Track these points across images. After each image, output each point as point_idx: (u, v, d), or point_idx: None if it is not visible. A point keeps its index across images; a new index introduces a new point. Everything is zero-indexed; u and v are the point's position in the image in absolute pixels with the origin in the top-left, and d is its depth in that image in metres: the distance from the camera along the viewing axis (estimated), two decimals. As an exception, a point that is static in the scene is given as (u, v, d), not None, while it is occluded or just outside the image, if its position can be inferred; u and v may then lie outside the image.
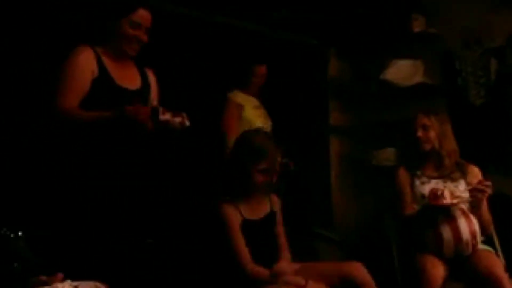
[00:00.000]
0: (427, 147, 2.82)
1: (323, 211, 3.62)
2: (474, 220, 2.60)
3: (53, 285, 1.46)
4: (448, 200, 2.53)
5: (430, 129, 2.81)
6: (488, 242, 2.79)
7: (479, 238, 2.63)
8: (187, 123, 2.19)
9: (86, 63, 2.26)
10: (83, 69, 2.24)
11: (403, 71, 3.91)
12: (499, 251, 2.81)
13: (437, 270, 2.55)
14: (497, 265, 2.58)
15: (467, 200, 2.65)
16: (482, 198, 2.64)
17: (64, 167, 2.27)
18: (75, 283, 1.47)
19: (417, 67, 3.93)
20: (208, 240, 2.45)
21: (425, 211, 2.64)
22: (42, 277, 1.51)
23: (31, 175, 2.60)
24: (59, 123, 2.23)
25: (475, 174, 2.82)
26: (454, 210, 2.58)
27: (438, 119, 2.85)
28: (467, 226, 2.57)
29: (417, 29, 3.93)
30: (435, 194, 2.55)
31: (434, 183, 2.77)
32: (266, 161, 2.32)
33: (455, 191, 2.62)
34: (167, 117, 2.15)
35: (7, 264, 2.25)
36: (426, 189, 2.73)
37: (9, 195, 2.56)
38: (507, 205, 3.34)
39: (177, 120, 2.17)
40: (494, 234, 2.85)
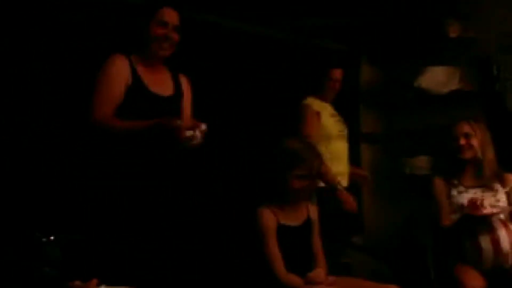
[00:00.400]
0: (468, 155, 2.79)
1: (355, 219, 3.58)
2: (514, 231, 2.56)
3: (88, 291, 1.45)
4: (488, 210, 2.50)
5: (472, 137, 2.79)
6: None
7: (520, 250, 2.57)
8: (203, 127, 2.15)
9: (120, 72, 2.28)
10: (117, 78, 2.27)
11: (438, 78, 3.85)
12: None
13: (476, 282, 2.51)
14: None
15: (507, 210, 2.62)
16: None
17: (98, 173, 2.28)
18: (110, 289, 1.46)
19: (452, 73, 3.85)
20: (244, 245, 2.45)
21: (463, 221, 2.61)
22: (77, 283, 1.51)
23: (64, 180, 2.61)
24: (95, 132, 2.25)
25: (514, 183, 2.79)
26: (494, 220, 2.55)
27: (479, 127, 2.83)
28: (508, 237, 2.53)
29: (452, 35, 3.85)
30: (474, 204, 2.53)
31: (472, 193, 2.74)
32: (304, 167, 2.31)
33: (494, 201, 2.60)
34: (188, 133, 2.11)
35: (39, 269, 2.26)
36: (464, 198, 2.70)
37: (41, 199, 2.58)
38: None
39: (199, 132, 2.13)
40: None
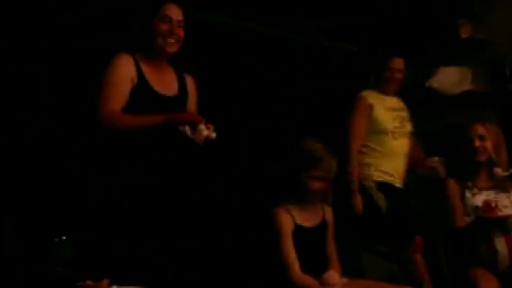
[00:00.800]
0: (483, 157, 2.77)
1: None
2: (530, 233, 2.54)
3: (100, 290, 1.44)
4: (503, 212, 2.49)
5: (487, 139, 2.77)
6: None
7: (535, 252, 2.55)
8: (213, 135, 2.14)
9: (126, 70, 2.26)
10: (124, 76, 2.25)
11: (450, 78, 3.84)
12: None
13: (490, 285, 2.50)
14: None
15: (523, 212, 2.58)
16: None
17: (109, 173, 2.26)
18: (121, 289, 1.45)
19: (465, 74, 3.85)
20: (259, 245, 2.45)
21: (478, 223, 2.59)
22: (89, 282, 1.50)
23: (76, 180, 2.61)
24: (102, 130, 2.23)
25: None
26: (510, 222, 2.53)
27: (493, 128, 2.82)
28: (523, 239, 2.52)
29: (464, 35, 3.83)
30: (489, 206, 2.52)
31: (486, 195, 2.71)
32: (321, 168, 2.32)
33: (508, 203, 2.57)
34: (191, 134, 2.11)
35: (51, 269, 2.26)
36: (478, 200, 2.68)
37: (53, 200, 2.58)
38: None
39: (203, 135, 2.12)
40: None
